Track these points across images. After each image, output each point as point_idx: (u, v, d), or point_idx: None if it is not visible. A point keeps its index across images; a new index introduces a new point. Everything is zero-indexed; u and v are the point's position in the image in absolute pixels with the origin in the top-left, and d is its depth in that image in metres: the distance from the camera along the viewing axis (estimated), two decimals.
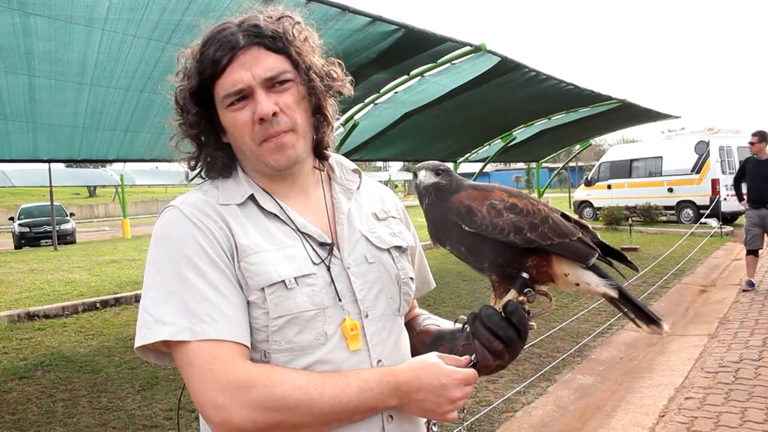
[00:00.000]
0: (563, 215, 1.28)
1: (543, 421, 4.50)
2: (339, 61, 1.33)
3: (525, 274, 1.22)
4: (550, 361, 5.75)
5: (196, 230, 1.14)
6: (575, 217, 1.31)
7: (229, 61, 1.16)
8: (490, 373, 1.25)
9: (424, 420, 1.33)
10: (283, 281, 1.14)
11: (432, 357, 1.16)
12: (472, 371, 1.16)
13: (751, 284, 8.72)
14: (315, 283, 1.18)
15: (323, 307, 1.17)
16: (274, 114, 1.17)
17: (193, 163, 1.28)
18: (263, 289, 1.13)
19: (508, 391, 4.97)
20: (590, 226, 1.32)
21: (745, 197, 8.97)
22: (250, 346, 1.12)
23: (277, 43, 1.19)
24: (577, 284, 1.25)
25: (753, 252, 8.80)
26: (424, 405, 1.13)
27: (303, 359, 1.15)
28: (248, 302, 1.14)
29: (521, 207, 1.22)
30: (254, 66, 1.16)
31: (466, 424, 2.06)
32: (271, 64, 1.18)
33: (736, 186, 9.35)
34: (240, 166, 1.28)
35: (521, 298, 1.21)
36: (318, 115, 1.28)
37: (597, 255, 1.25)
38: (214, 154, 1.25)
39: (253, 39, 1.17)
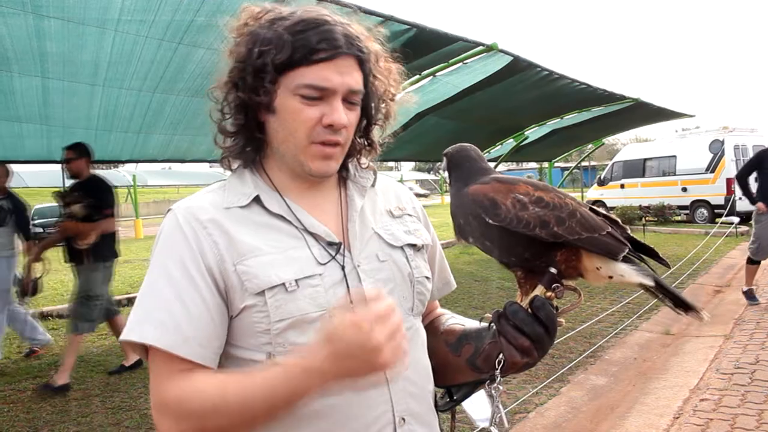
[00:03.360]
0: (591, 209, 1.25)
1: (556, 422, 4.47)
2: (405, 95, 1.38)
3: (553, 269, 1.19)
4: (563, 361, 5.72)
5: (182, 239, 1.14)
6: (604, 211, 1.28)
7: (327, 58, 1.14)
8: (518, 372, 1.22)
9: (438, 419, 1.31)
10: (283, 284, 1.12)
11: (335, 317, 0.99)
12: (380, 307, 0.97)
13: (753, 297, 7.83)
14: (319, 284, 1.15)
15: (328, 308, 1.14)
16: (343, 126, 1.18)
17: (233, 131, 1.25)
18: (263, 292, 1.11)
19: (521, 392, 4.94)
20: (620, 221, 1.28)
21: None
22: (203, 361, 1.11)
23: (366, 63, 1.21)
24: (611, 277, 1.22)
25: (756, 262, 7.76)
26: (354, 370, 0.98)
27: None
28: (246, 306, 1.12)
29: (547, 200, 1.19)
30: (346, 75, 1.16)
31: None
32: (357, 79, 1.19)
33: (743, 183, 7.93)
34: (252, 163, 1.27)
35: (549, 293, 1.18)
36: (364, 139, 1.32)
37: (627, 250, 1.22)
38: (256, 135, 1.23)
39: (354, 50, 1.17)
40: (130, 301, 9.39)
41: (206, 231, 1.15)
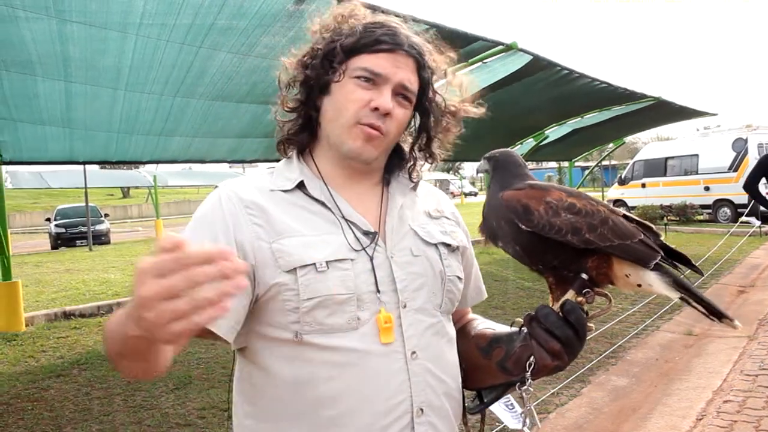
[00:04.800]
0: (625, 216, 1.25)
1: (577, 423, 4.45)
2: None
3: (584, 275, 1.20)
4: (584, 362, 5.67)
5: (219, 212, 1.21)
6: (637, 218, 1.28)
7: (386, 50, 1.26)
8: (548, 374, 1.24)
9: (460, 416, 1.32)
10: (314, 264, 1.16)
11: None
12: (162, 259, 0.78)
13: None
14: (349, 269, 1.18)
15: (357, 293, 1.18)
16: (387, 113, 1.25)
17: (293, 107, 1.33)
18: (295, 270, 1.15)
19: (542, 393, 4.92)
20: (654, 228, 1.28)
21: None
22: (214, 328, 1.11)
23: (424, 70, 1.31)
24: (639, 285, 1.22)
25: None
26: (141, 321, 0.83)
27: (334, 339, 1.16)
28: (276, 283, 1.16)
29: (580, 207, 1.20)
30: (400, 70, 1.27)
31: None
32: (411, 78, 1.28)
33: (754, 191, 7.32)
34: (300, 150, 1.34)
35: (579, 298, 1.20)
36: (423, 153, 1.40)
37: (659, 257, 1.22)
38: (313, 114, 1.32)
39: (414, 52, 1.28)
40: None
41: (246, 209, 1.21)
